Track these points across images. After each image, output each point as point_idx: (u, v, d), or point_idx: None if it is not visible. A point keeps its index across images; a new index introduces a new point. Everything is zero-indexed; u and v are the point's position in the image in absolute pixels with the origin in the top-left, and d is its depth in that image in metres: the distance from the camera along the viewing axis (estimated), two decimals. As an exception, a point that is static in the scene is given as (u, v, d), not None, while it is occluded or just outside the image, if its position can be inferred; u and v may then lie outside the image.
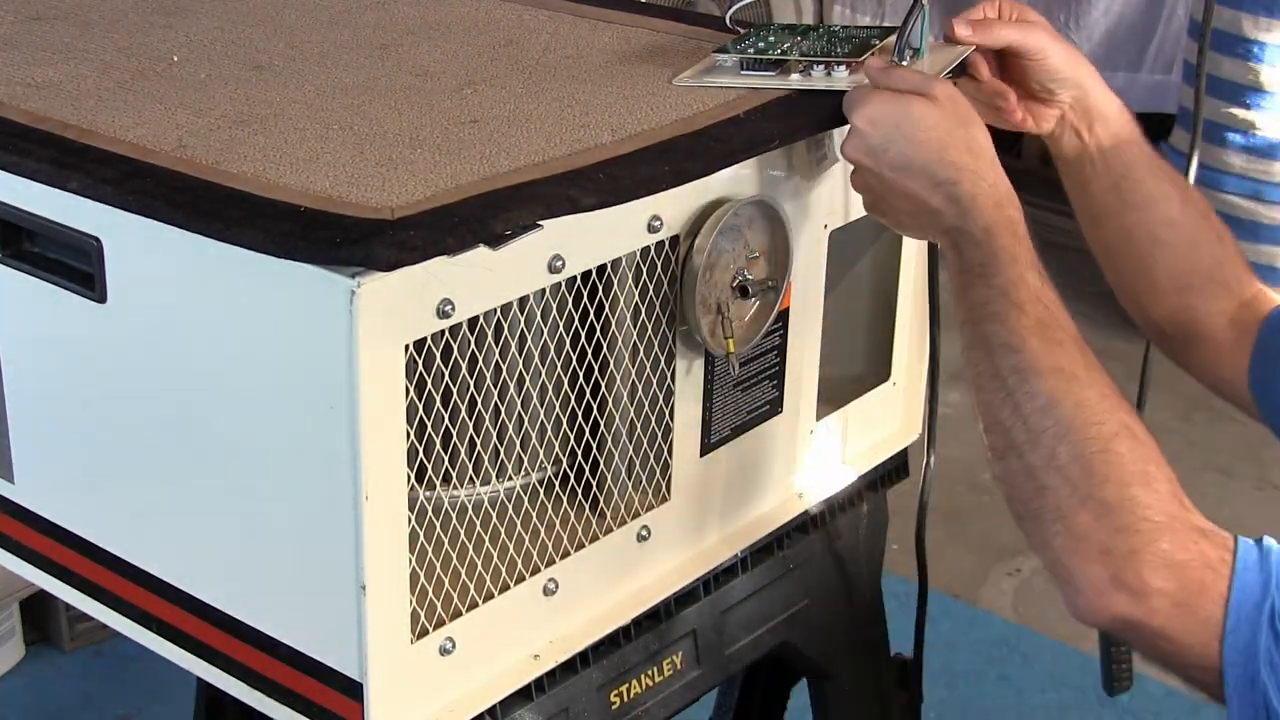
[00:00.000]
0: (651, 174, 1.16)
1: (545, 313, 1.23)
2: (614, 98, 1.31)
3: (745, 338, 1.31)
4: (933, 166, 1.19)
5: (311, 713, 1.17)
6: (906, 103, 1.20)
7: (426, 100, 1.30)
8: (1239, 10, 3.51)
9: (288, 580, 1.15)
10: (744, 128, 1.26)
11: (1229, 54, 3.54)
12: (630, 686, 1.32)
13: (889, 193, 1.22)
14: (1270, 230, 3.59)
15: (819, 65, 1.30)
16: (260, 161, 1.15)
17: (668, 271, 1.26)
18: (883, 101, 1.21)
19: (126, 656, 2.67)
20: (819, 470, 1.49)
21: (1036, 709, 2.63)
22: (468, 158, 1.17)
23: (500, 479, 1.28)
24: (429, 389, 1.18)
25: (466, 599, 1.19)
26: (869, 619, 1.60)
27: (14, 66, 1.36)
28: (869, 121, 1.21)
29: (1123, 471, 1.10)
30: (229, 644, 1.21)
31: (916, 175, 1.20)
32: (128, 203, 1.12)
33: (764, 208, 1.29)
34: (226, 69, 1.37)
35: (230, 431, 1.15)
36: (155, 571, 1.25)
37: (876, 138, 1.21)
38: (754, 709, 1.80)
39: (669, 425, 1.30)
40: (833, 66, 1.30)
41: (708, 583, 1.38)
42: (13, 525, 1.37)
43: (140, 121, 1.23)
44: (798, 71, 1.31)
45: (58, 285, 1.23)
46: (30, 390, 1.30)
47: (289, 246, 1.04)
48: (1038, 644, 2.79)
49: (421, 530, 1.15)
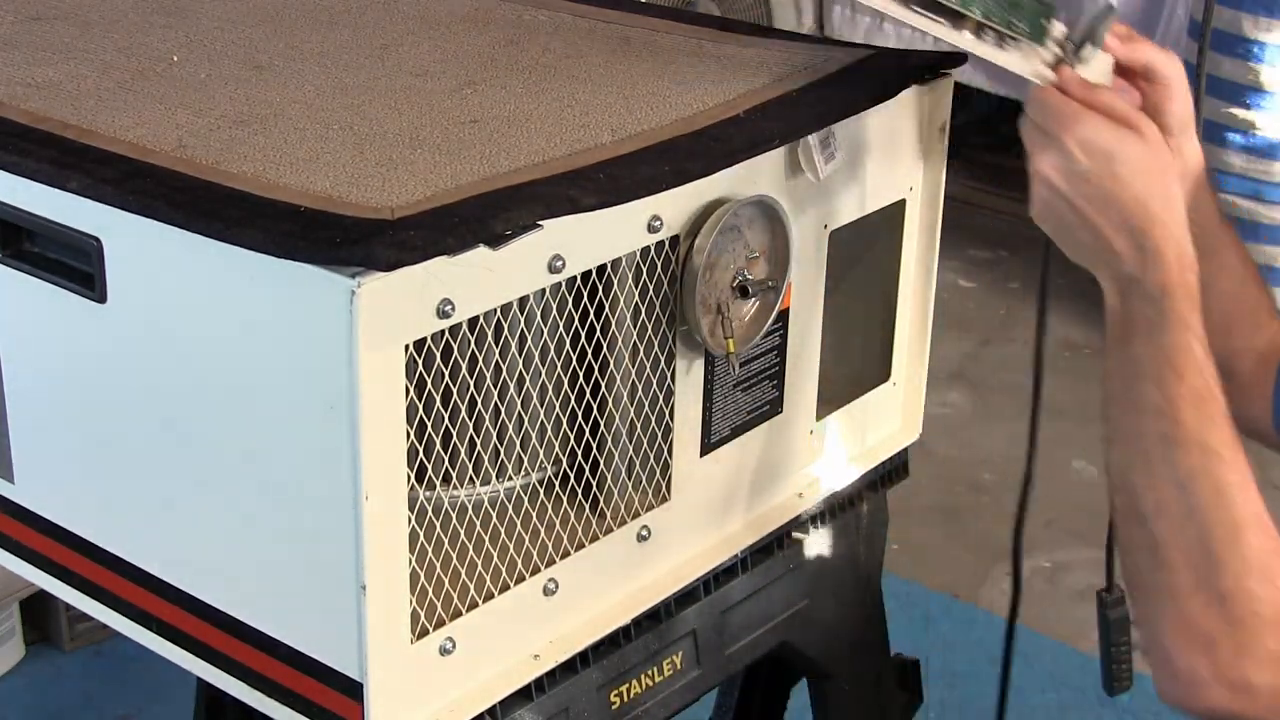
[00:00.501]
0: (651, 174, 1.16)
1: (545, 313, 1.23)
2: (614, 98, 1.31)
3: (745, 338, 1.31)
4: (1130, 210, 1.14)
5: (311, 713, 1.17)
6: (1122, 136, 1.14)
7: (426, 100, 1.30)
8: (1239, 10, 3.51)
9: (288, 580, 1.16)
10: (744, 128, 1.26)
11: (1229, 54, 3.54)
12: (630, 686, 1.32)
13: (1072, 219, 1.16)
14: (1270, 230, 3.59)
15: (989, 30, 1.22)
16: (260, 161, 1.15)
17: (668, 271, 1.26)
18: (1098, 128, 1.15)
19: (126, 656, 2.67)
20: (819, 470, 1.49)
21: (1036, 709, 2.63)
22: (468, 158, 1.17)
23: (500, 479, 1.28)
24: (429, 389, 1.18)
25: (466, 599, 1.19)
26: (869, 619, 1.60)
27: (14, 66, 1.36)
28: (1081, 145, 1.14)
29: (1245, 563, 1.08)
30: (229, 644, 1.21)
31: (1111, 214, 1.14)
32: (128, 203, 1.12)
33: (764, 208, 1.29)
34: (226, 69, 1.37)
35: (230, 431, 1.15)
36: (155, 571, 1.25)
37: (1083, 164, 1.14)
38: (754, 709, 1.80)
39: (669, 425, 1.30)
40: (1005, 38, 1.22)
41: (708, 583, 1.38)
42: (13, 525, 1.37)
43: (140, 121, 1.23)
44: (969, 29, 1.22)
45: (58, 285, 1.23)
46: (30, 390, 1.30)
47: (289, 246, 1.04)
48: (1038, 644, 2.78)
49: (421, 530, 1.15)
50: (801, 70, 1.39)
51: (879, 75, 1.40)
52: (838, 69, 1.40)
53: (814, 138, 1.31)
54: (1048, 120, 1.17)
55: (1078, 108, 1.16)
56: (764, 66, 1.40)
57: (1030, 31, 1.23)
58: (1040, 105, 1.18)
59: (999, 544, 3.06)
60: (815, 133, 1.31)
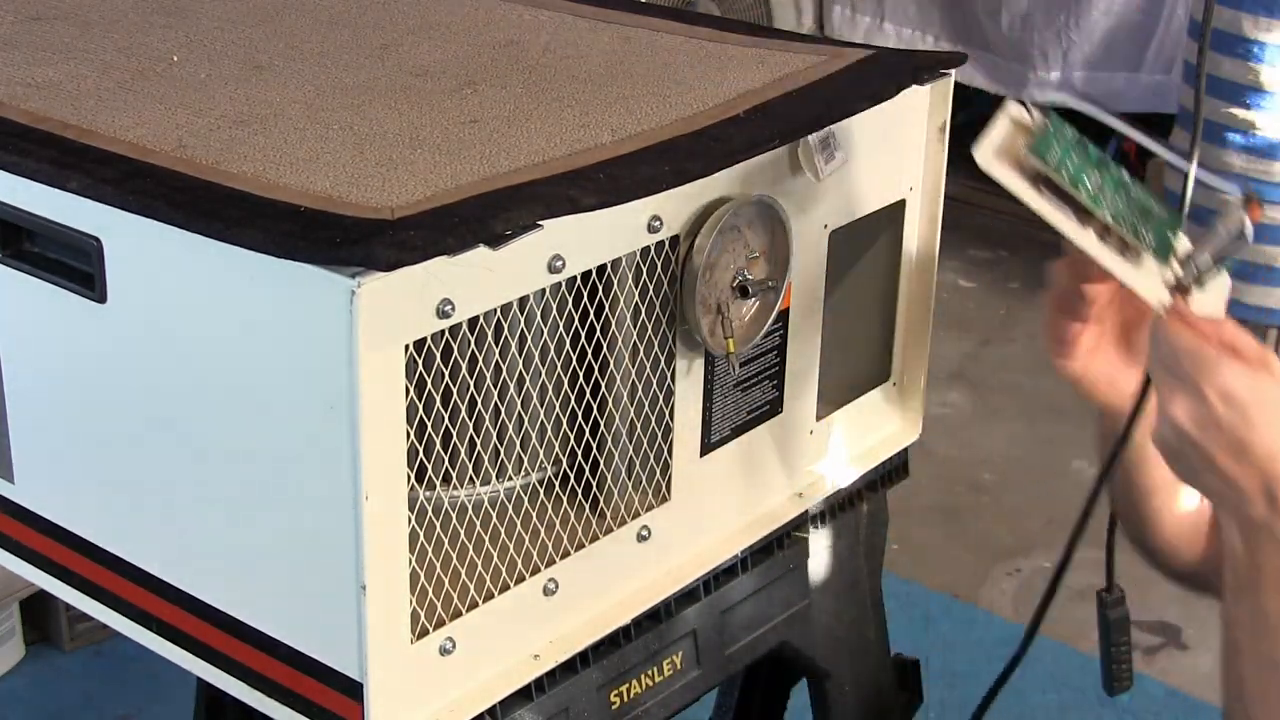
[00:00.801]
0: (651, 174, 1.16)
1: (545, 313, 1.23)
2: (614, 98, 1.31)
3: (745, 338, 1.31)
4: (1263, 457, 1.09)
5: (311, 713, 1.17)
6: (1258, 382, 1.09)
7: (426, 100, 1.30)
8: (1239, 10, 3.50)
9: (288, 580, 1.15)
10: (744, 128, 1.26)
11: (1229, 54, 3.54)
12: (630, 686, 1.32)
13: (1201, 463, 1.11)
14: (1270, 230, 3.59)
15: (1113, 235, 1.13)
16: (260, 161, 1.15)
17: (668, 271, 1.26)
18: (1236, 375, 1.08)
19: (126, 656, 2.67)
20: (819, 470, 1.49)
21: (1036, 709, 2.63)
22: (468, 158, 1.17)
23: (500, 479, 1.28)
24: (429, 389, 1.18)
25: (466, 599, 1.19)
26: (869, 619, 1.60)
27: (14, 66, 1.36)
28: (1221, 396, 1.08)
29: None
30: (229, 644, 1.21)
31: (1244, 461, 1.09)
32: (128, 203, 1.12)
33: (764, 208, 1.29)
34: (226, 69, 1.37)
35: (230, 431, 1.15)
36: (155, 571, 1.25)
37: (1223, 415, 1.08)
38: (754, 709, 1.80)
39: (669, 425, 1.30)
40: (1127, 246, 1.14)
41: (708, 583, 1.38)
42: (13, 525, 1.37)
43: (140, 121, 1.23)
44: (1094, 229, 1.14)
45: (58, 285, 1.23)
46: (30, 390, 1.30)
47: (289, 246, 1.04)
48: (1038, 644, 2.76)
49: (421, 530, 1.15)
50: (801, 70, 1.39)
51: (879, 75, 1.40)
52: (838, 69, 1.40)
53: (814, 138, 1.31)
54: (1182, 365, 1.10)
55: (1213, 354, 1.09)
56: (764, 66, 1.40)
57: (1156, 245, 1.15)
58: (1172, 348, 1.11)
59: (999, 544, 3.08)
60: (815, 133, 1.31)
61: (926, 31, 4.68)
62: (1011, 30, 4.45)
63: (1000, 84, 4.52)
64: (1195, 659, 2.67)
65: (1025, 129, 1.16)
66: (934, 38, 4.67)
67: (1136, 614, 1.61)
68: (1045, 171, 1.13)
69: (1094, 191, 1.14)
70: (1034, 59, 4.41)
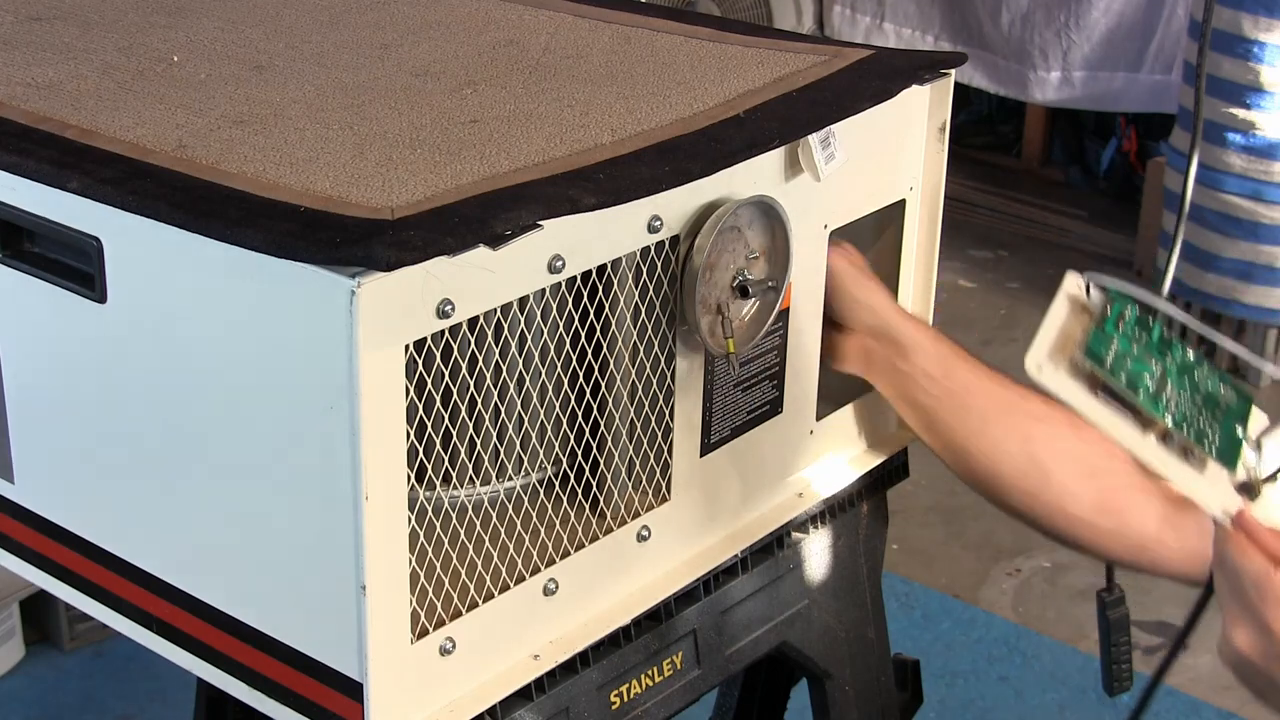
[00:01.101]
0: (651, 174, 1.16)
1: (545, 313, 1.23)
2: (614, 98, 1.31)
3: (745, 338, 1.31)
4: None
5: (311, 713, 1.17)
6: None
7: (426, 100, 1.30)
8: (1239, 10, 3.51)
9: (288, 580, 1.16)
10: (744, 128, 1.26)
11: (1229, 54, 3.54)
12: (630, 686, 1.32)
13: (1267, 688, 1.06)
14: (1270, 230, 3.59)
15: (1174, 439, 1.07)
16: (260, 161, 1.16)
17: (668, 271, 1.26)
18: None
19: (126, 656, 2.67)
20: (819, 470, 1.49)
21: (1036, 709, 2.63)
22: (468, 158, 1.17)
23: (500, 479, 1.28)
24: (429, 389, 1.18)
25: (466, 599, 1.19)
26: (869, 619, 1.60)
27: (14, 66, 1.36)
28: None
29: None
30: (229, 644, 1.21)
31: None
32: (128, 203, 1.12)
33: (764, 208, 1.29)
34: (226, 69, 1.37)
35: (230, 431, 1.15)
36: (155, 571, 1.25)
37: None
38: (754, 709, 1.80)
39: (669, 425, 1.30)
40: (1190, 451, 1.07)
41: (708, 583, 1.38)
42: (13, 525, 1.37)
43: (140, 121, 1.23)
44: (1155, 434, 1.07)
45: (58, 285, 1.23)
46: (30, 390, 1.30)
47: (289, 246, 1.04)
48: (1038, 644, 2.79)
49: (421, 530, 1.15)
50: (801, 70, 1.39)
51: (879, 75, 1.40)
52: (838, 69, 1.40)
53: (814, 138, 1.31)
54: (1246, 593, 1.04)
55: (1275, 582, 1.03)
56: (764, 66, 1.40)
57: (1221, 449, 1.08)
58: (1236, 569, 1.05)
59: (999, 544, 3.08)
60: (815, 133, 1.31)
61: (926, 31, 4.68)
62: (1011, 30, 4.45)
63: (1000, 84, 4.53)
64: (1195, 659, 2.67)
65: (1084, 309, 1.10)
66: (934, 37, 4.67)
67: (1136, 614, 1.61)
68: (1101, 376, 1.06)
69: (1154, 391, 1.07)
70: (1034, 59, 4.41)
